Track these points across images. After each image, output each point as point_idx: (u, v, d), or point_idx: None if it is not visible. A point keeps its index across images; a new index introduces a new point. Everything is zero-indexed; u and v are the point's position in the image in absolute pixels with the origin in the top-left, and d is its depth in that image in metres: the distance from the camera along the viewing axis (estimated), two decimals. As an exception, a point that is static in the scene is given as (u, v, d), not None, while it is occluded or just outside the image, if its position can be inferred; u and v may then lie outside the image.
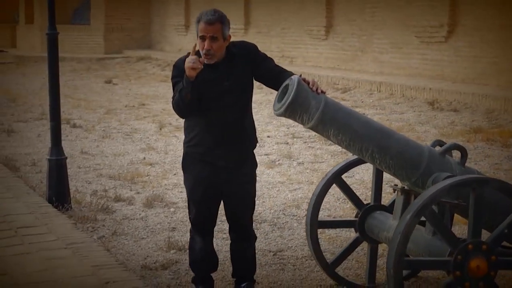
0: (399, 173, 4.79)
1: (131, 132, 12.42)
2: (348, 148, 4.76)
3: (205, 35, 4.71)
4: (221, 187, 4.96)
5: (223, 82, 4.82)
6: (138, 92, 18.38)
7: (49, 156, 7.34)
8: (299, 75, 4.69)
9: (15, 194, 7.27)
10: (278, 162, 9.93)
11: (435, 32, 16.29)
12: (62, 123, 12.27)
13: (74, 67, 25.66)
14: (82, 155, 10.50)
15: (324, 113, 4.60)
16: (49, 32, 7.17)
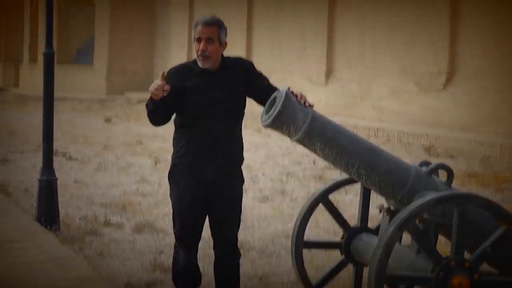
0: (385, 191, 4.77)
1: (127, 166, 12.41)
2: (334, 163, 4.75)
3: (202, 36, 4.75)
4: (207, 200, 4.93)
5: (215, 91, 4.82)
6: (137, 131, 18.42)
7: (40, 177, 7.33)
8: (287, 88, 4.71)
9: (3, 213, 7.25)
10: (271, 198, 9.89)
11: (434, 79, 16.38)
12: (58, 156, 12.51)
13: (75, 107, 25.74)
14: (76, 184, 10.48)
15: (311, 126, 4.60)
16: (46, 51, 7.18)
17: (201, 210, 4.95)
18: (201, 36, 4.78)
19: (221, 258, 5.10)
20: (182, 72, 4.91)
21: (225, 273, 5.11)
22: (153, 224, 7.92)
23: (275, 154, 14.29)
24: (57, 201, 7.37)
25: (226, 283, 5.15)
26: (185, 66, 4.99)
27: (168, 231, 7.65)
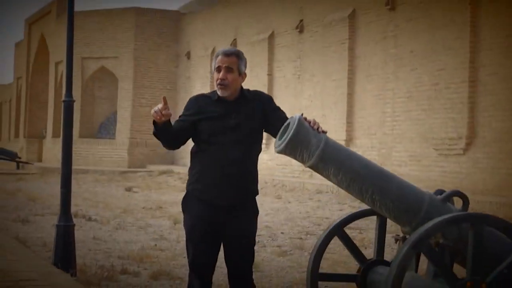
0: (399, 218, 4.74)
1: (145, 226, 12.42)
2: (348, 189, 4.74)
3: (221, 65, 4.84)
4: (220, 228, 4.91)
5: (230, 119, 4.87)
6: (157, 199, 18.46)
7: (58, 222, 7.35)
8: (301, 114, 4.74)
9: (20, 257, 7.25)
10: (289, 252, 9.83)
11: (454, 144, 16.37)
12: (78, 217, 12.56)
13: (97, 178, 25.90)
14: (94, 240, 10.49)
15: (325, 151, 4.61)
16: (66, 99, 7.29)
17: (214, 239, 4.93)
18: (221, 65, 4.87)
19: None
20: (201, 100, 5.00)
21: (239, 306, 5.05)
22: (170, 273, 7.88)
23: (295, 217, 14.26)
24: (74, 247, 7.37)
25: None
26: (204, 95, 5.08)
27: (185, 279, 7.61)
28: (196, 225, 4.90)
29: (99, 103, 32.90)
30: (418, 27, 17.87)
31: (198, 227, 4.89)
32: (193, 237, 4.93)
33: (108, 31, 31.63)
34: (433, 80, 17.17)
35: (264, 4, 25.44)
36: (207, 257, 4.95)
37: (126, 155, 30.48)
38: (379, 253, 5.27)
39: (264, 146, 23.02)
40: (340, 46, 20.73)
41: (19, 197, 17.78)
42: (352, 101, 20.26)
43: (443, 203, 4.78)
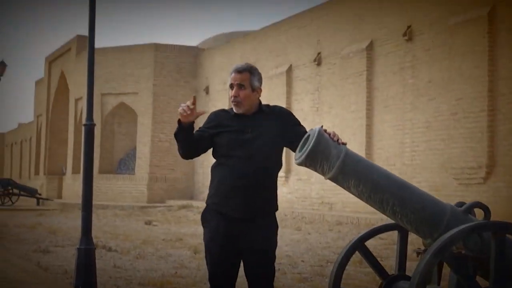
0: (421, 229, 4.72)
1: (166, 256, 12.40)
2: (368, 201, 4.74)
3: (234, 82, 4.88)
4: (238, 241, 4.89)
5: (247, 133, 4.90)
6: (177, 231, 18.45)
7: (79, 245, 7.37)
8: (320, 126, 4.75)
9: (43, 281, 7.27)
10: (310, 279, 9.78)
11: (474, 174, 16.30)
12: (99, 248, 12.56)
13: (117, 213, 25.96)
14: (115, 269, 10.47)
15: (345, 162, 4.61)
16: (87, 123, 7.36)
17: (233, 253, 4.89)
18: (233, 83, 4.92)
19: (256, 304, 5.02)
20: (220, 115, 5.04)
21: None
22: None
23: (315, 247, 14.19)
24: (95, 270, 7.38)
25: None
26: (224, 110, 5.12)
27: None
28: (214, 237, 4.90)
29: (119, 139, 33.09)
30: (435, 57, 17.92)
31: (216, 240, 4.88)
32: (211, 249, 4.92)
33: (127, 67, 31.91)
34: (452, 110, 17.16)
35: (282, 38, 25.62)
36: (226, 269, 4.92)
37: (146, 190, 30.55)
38: (401, 268, 5.24)
39: (283, 180, 23.19)
40: (358, 77, 20.81)
41: (39, 230, 17.83)
42: (371, 132, 20.28)
43: (464, 214, 4.77)
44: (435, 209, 4.69)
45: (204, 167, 29.69)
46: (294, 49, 24.75)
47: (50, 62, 40.89)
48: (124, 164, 32.79)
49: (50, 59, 40.88)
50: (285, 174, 23.80)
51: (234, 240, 4.88)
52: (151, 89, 31.35)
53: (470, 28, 16.61)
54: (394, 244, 11.15)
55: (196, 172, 30.98)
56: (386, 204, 4.68)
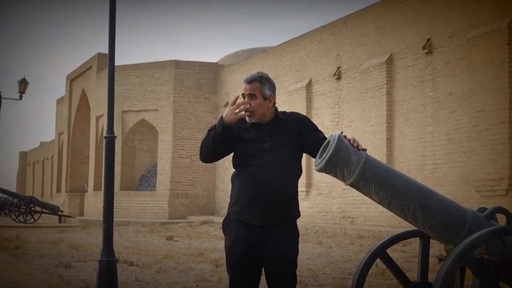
0: (442, 235, 4.70)
1: (187, 270, 12.41)
2: (389, 207, 4.72)
3: (245, 93, 4.91)
4: (259, 249, 4.88)
5: (264, 142, 4.91)
6: (198, 246, 18.46)
7: (100, 257, 7.40)
8: (340, 132, 4.75)
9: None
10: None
11: (496, 186, 16.19)
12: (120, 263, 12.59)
13: (138, 229, 26.02)
14: (136, 282, 10.50)
15: (365, 168, 4.61)
16: (107, 135, 7.41)
17: (254, 261, 4.89)
18: (244, 93, 4.95)
19: (278, 313, 5.00)
20: (239, 124, 5.03)
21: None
22: (212, 308, 7.85)
23: (336, 260, 14.15)
24: (116, 282, 7.40)
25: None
26: (242, 119, 5.11)
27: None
28: (234, 245, 4.90)
29: (140, 156, 33.21)
30: (456, 69, 17.87)
31: (237, 248, 4.89)
32: (232, 257, 4.92)
33: (148, 84, 32.08)
34: (473, 122, 17.08)
35: (301, 53, 25.67)
36: (247, 278, 4.92)
37: (167, 206, 30.61)
38: (423, 275, 5.20)
39: (304, 194, 23.15)
40: (378, 91, 20.78)
41: (61, 246, 17.90)
42: (392, 145, 20.22)
43: (486, 219, 4.74)
44: (457, 215, 4.67)
45: (225, 183, 29.71)
46: (314, 63, 24.78)
47: (71, 80, 41.18)
48: (145, 181, 32.89)
49: (71, 77, 41.18)
50: (306, 189, 23.77)
51: (255, 248, 4.88)
52: (171, 106, 31.47)
53: (489, 40, 16.55)
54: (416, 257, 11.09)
55: (217, 188, 31.01)
56: (407, 210, 4.67)
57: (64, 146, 41.91)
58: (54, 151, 46.94)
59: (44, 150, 56.81)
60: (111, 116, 8.02)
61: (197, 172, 31.03)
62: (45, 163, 54.91)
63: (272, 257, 4.89)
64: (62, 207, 37.19)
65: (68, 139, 40.90)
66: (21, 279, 8.89)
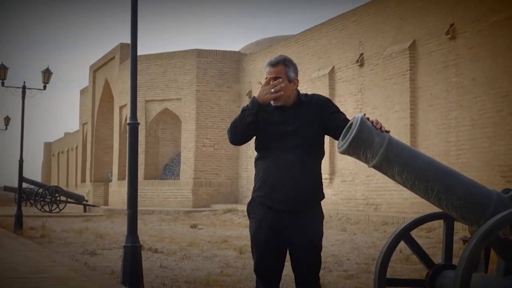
0: (466, 216, 4.67)
1: (211, 256, 12.45)
2: (413, 188, 4.70)
3: (269, 76, 4.89)
4: (285, 233, 4.89)
5: (288, 125, 4.89)
6: (222, 234, 18.51)
7: (125, 243, 7.44)
8: (363, 114, 4.73)
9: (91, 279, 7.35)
10: (356, 276, 9.75)
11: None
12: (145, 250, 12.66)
13: (162, 218, 26.15)
14: (161, 269, 10.55)
15: (388, 150, 4.58)
16: (131, 122, 7.44)
17: (279, 244, 4.89)
18: (269, 77, 4.92)
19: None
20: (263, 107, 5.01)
21: (306, 311, 5.00)
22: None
23: (360, 247, 14.14)
24: (141, 267, 7.45)
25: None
26: None
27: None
28: (260, 229, 4.90)
29: (163, 145, 33.33)
30: (479, 54, 17.74)
31: (262, 232, 4.88)
32: (257, 241, 4.92)
33: (170, 74, 32.14)
34: (497, 107, 16.97)
35: (324, 41, 25.59)
36: (272, 261, 4.92)
37: (191, 195, 30.70)
38: (447, 257, 5.18)
39: (327, 181, 23.12)
40: (401, 77, 20.68)
41: (86, 234, 18.04)
42: (415, 132, 20.13)
43: (511, 200, 4.71)
44: (481, 195, 4.64)
45: (248, 171, 29.74)
46: (336, 51, 24.70)
47: (94, 70, 41.37)
48: (169, 170, 33.01)
49: (94, 68, 41.36)
50: (329, 176, 23.74)
51: (280, 231, 4.88)
52: (194, 95, 31.52)
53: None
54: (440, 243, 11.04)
55: (240, 176, 31.05)
56: (431, 191, 4.64)
57: (88, 136, 42.14)
58: (78, 142, 47.23)
59: (69, 140, 57.16)
60: (134, 103, 8.05)
61: (221, 160, 31.09)
62: (69, 154, 55.26)
63: (298, 240, 4.89)
64: (86, 196, 37.44)
65: (92, 129, 41.13)
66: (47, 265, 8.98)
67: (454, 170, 4.81)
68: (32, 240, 15.58)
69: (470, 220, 4.70)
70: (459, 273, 4.11)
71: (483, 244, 4.14)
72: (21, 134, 21.63)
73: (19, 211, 20.05)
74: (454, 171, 4.78)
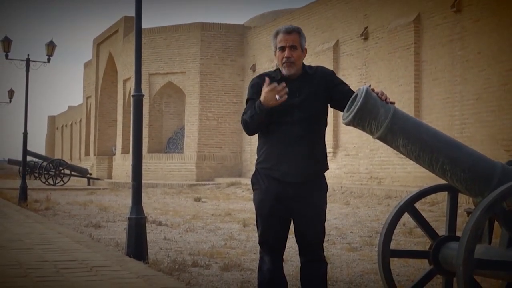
0: (471, 188, 4.67)
1: (215, 229, 12.49)
2: (417, 160, 4.69)
3: (285, 45, 4.85)
4: (290, 204, 4.89)
5: (294, 97, 4.86)
6: (226, 207, 18.56)
7: (129, 215, 7.47)
8: (368, 85, 4.72)
9: (95, 250, 7.38)
10: (360, 248, 9.78)
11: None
12: (149, 223, 12.70)
13: (166, 191, 26.22)
14: (165, 241, 10.59)
15: (393, 121, 4.57)
16: (135, 94, 7.43)
17: (284, 214, 4.90)
18: (285, 45, 4.88)
19: (306, 265, 5.02)
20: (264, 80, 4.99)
21: (310, 280, 5.02)
22: (241, 265, 7.91)
23: (363, 220, 14.17)
24: (145, 239, 7.48)
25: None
26: (267, 75, 5.05)
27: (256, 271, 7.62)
28: (265, 200, 4.90)
29: (167, 118, 33.33)
30: (485, 27, 17.65)
31: (268, 202, 4.89)
32: (262, 212, 4.92)
33: (174, 47, 32.05)
34: (502, 81, 16.91)
35: (328, 14, 25.48)
36: (277, 231, 4.93)
37: (194, 168, 30.75)
38: (451, 229, 5.19)
39: (331, 155, 23.12)
40: (405, 51, 20.61)
41: (90, 207, 18.10)
42: (420, 105, 20.10)
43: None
44: (486, 167, 4.64)
45: (252, 144, 29.74)
46: (341, 24, 24.60)
47: (98, 44, 41.26)
48: (173, 143, 33.04)
49: (98, 41, 41.26)
50: (333, 150, 23.74)
51: (285, 201, 4.89)
52: (198, 68, 31.46)
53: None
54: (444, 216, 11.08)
55: (244, 150, 31.05)
56: (435, 163, 4.64)
57: (92, 109, 42.14)
58: (82, 115, 47.25)
59: (72, 114, 57.19)
60: (138, 75, 8.03)
61: (224, 134, 31.10)
62: (73, 127, 55.31)
63: (303, 210, 4.90)
64: (90, 170, 37.52)
65: (96, 102, 41.11)
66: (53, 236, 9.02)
67: (459, 142, 4.80)
68: (36, 213, 15.63)
69: (475, 192, 4.70)
70: (463, 242, 4.12)
71: (488, 214, 4.15)
72: (25, 107, 21.63)
73: (23, 184, 20.11)
74: (458, 143, 4.77)
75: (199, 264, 7.94)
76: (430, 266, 5.20)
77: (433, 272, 5.19)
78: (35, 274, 5.93)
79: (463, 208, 5.98)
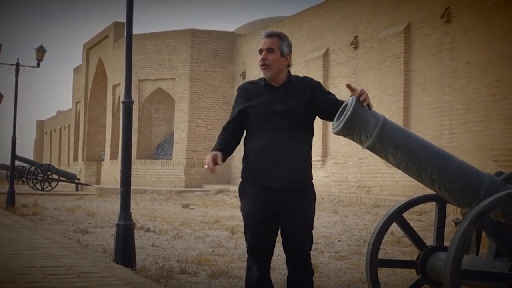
0: (459, 198, 4.69)
1: (203, 236, 12.48)
2: (406, 170, 4.72)
3: (262, 48, 4.89)
4: (278, 212, 4.90)
5: (277, 104, 4.88)
6: (214, 214, 18.55)
7: (118, 221, 7.46)
8: (358, 96, 4.74)
9: (83, 256, 7.36)
10: (347, 257, 9.79)
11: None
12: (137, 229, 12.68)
13: (154, 197, 26.18)
14: (153, 247, 10.57)
15: (383, 131, 4.60)
16: (125, 100, 7.43)
17: (271, 222, 4.90)
18: (262, 48, 4.92)
19: (293, 273, 5.02)
20: (249, 87, 5.03)
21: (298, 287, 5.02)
22: (229, 273, 7.91)
23: (352, 228, 14.19)
24: (133, 245, 7.48)
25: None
26: (253, 82, 5.09)
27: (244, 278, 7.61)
28: (253, 208, 4.90)
29: (156, 125, 33.32)
30: (474, 38, 17.73)
31: (256, 212, 4.89)
32: (250, 220, 4.92)
33: (164, 53, 32.05)
34: (491, 91, 16.99)
35: (318, 22, 25.54)
36: (265, 239, 4.93)
37: (183, 175, 30.73)
38: (439, 239, 5.22)
39: (320, 163, 23.15)
40: (395, 60, 20.68)
41: (78, 213, 18.06)
42: (409, 115, 20.16)
43: (503, 183, 4.73)
44: (474, 178, 4.66)
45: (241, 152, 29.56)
46: (331, 33, 24.66)
47: (88, 49, 41.22)
48: (162, 149, 33.02)
49: (88, 46, 41.21)
50: (321, 158, 23.78)
51: (273, 210, 4.89)
52: (188, 75, 31.47)
53: (509, 8, 16.40)
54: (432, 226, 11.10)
55: (233, 157, 31.01)
56: (424, 173, 4.66)
57: (81, 115, 42.07)
58: (71, 120, 47.15)
59: (61, 118, 57.04)
60: (128, 81, 8.03)
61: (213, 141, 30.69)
62: (62, 132, 55.16)
63: (291, 218, 4.90)
64: (79, 175, 37.43)
65: (85, 107, 41.05)
66: (40, 242, 8.99)
67: (448, 153, 4.83)
68: (24, 218, 15.58)
69: (463, 202, 4.73)
70: (451, 252, 4.14)
71: (476, 225, 4.17)
72: (14, 111, 21.58)
73: (11, 188, 20.04)
74: (447, 154, 4.80)
75: (187, 271, 7.94)
76: (417, 276, 5.23)
77: (420, 282, 5.21)
78: (23, 279, 5.92)
79: (451, 218, 6.00)
